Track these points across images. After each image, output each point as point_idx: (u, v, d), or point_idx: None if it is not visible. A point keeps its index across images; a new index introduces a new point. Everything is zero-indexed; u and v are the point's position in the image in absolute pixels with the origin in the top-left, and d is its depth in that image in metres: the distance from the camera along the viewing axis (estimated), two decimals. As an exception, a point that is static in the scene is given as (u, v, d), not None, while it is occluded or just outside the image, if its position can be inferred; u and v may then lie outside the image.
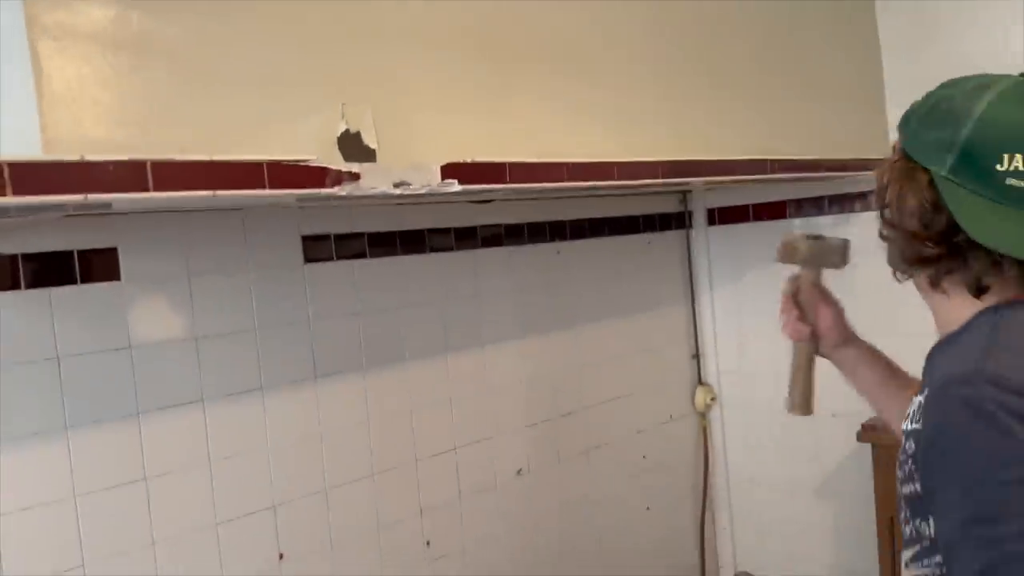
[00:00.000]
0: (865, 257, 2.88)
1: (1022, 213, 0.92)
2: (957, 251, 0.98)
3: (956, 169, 0.96)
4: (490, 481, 2.51)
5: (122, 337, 1.78)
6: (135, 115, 1.13)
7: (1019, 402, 0.86)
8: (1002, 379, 0.88)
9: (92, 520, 1.72)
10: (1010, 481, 0.84)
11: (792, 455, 3.10)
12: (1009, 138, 0.93)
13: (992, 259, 0.96)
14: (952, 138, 0.97)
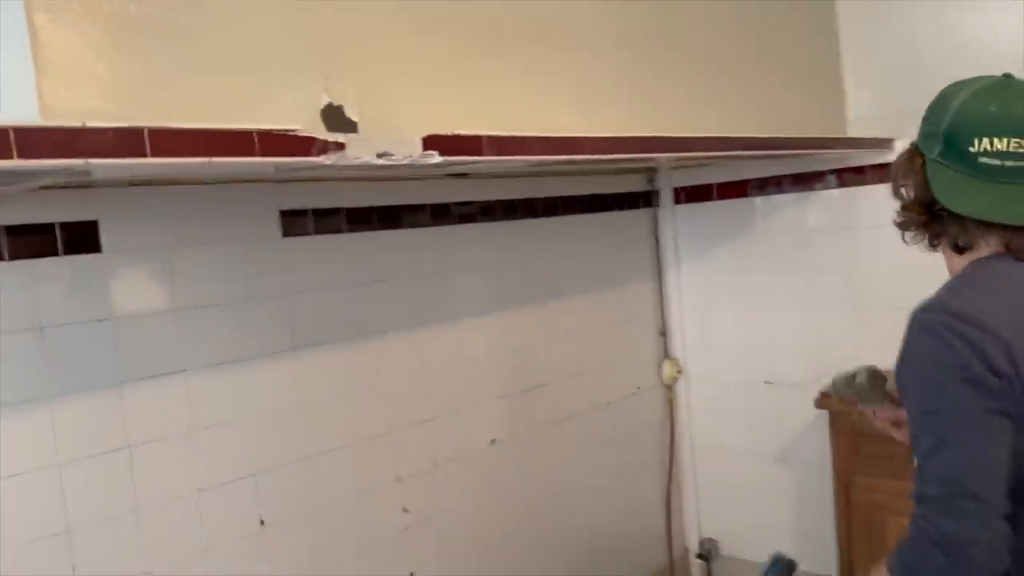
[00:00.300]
0: (821, 232, 3.02)
1: (993, 185, 1.16)
2: (938, 218, 1.22)
3: (944, 153, 1.20)
4: (465, 450, 2.58)
5: (104, 308, 1.82)
6: (127, 86, 1.17)
7: (963, 327, 1.10)
8: (953, 309, 1.13)
9: (77, 487, 1.76)
10: (948, 382, 1.10)
11: (754, 425, 3.23)
12: (977, 126, 1.17)
13: (962, 224, 1.20)
14: (937, 129, 1.22)
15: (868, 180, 2.89)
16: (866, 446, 2.53)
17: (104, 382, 1.81)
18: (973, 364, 1.08)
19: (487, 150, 1.42)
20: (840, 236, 2.97)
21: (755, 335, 3.19)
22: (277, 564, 2.09)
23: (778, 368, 3.13)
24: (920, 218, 1.25)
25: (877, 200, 2.88)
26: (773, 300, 3.13)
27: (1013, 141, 1.16)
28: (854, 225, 2.92)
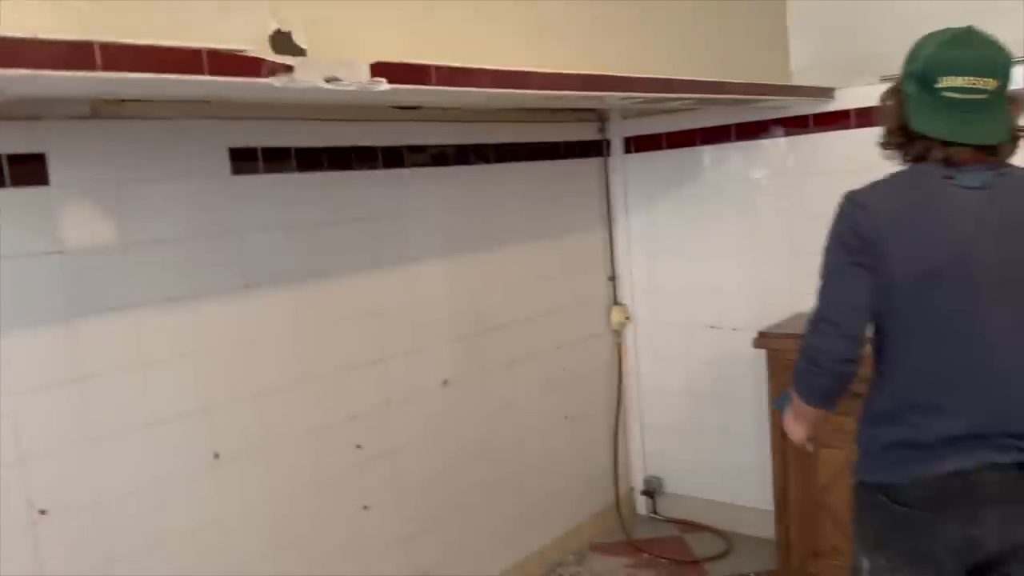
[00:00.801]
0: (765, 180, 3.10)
1: (949, 111, 1.44)
2: (911, 138, 1.50)
3: (917, 88, 1.47)
4: (417, 390, 2.64)
5: (53, 242, 1.82)
6: (77, 9, 1.17)
7: (849, 206, 1.50)
8: (851, 193, 1.52)
9: (30, 418, 1.78)
10: (832, 244, 1.51)
11: (697, 367, 3.35)
12: (942, 67, 1.44)
13: (926, 144, 1.48)
14: (912, 69, 1.49)
15: (811, 129, 2.99)
16: (801, 382, 2.65)
17: (54, 315, 1.82)
18: (844, 232, 1.49)
19: (435, 80, 1.45)
20: (783, 184, 3.07)
21: (701, 281, 3.30)
22: (231, 496, 2.14)
23: (722, 313, 3.25)
24: (898, 140, 1.53)
25: (819, 149, 2.99)
26: (719, 247, 3.23)
27: (969, 79, 1.42)
28: (797, 173, 3.02)
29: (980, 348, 1.43)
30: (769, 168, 3.10)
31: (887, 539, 1.52)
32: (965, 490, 1.43)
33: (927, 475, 1.44)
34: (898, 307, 1.47)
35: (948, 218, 1.44)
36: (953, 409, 1.44)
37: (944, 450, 1.44)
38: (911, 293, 1.45)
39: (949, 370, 1.45)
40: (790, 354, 2.66)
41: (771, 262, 3.10)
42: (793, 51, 3.01)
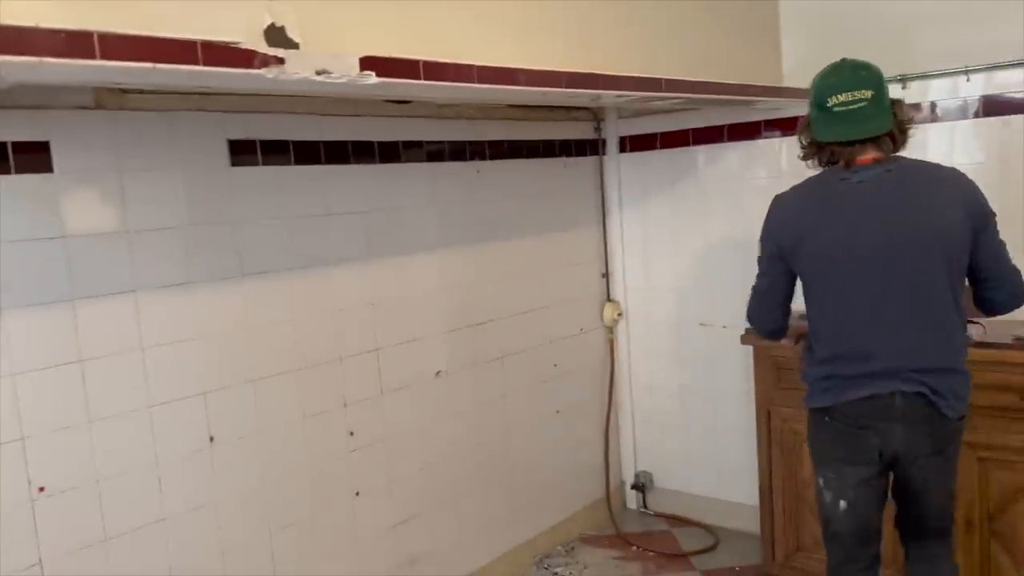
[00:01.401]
0: (755, 181, 3.13)
1: (839, 120, 1.89)
2: (820, 148, 1.95)
3: (817, 110, 1.94)
4: (411, 380, 2.70)
5: (56, 227, 1.88)
6: None
7: (773, 206, 2.04)
8: (778, 196, 2.05)
9: (30, 397, 1.84)
10: (760, 241, 2.04)
11: (687, 364, 3.40)
12: (827, 91, 1.91)
13: (830, 148, 1.92)
14: (811, 99, 1.96)
15: (802, 131, 3.03)
16: (786, 378, 2.70)
17: (56, 298, 1.88)
18: (766, 229, 2.03)
19: (423, 74, 1.50)
20: (775, 185, 3.07)
21: (692, 279, 3.35)
22: (226, 478, 2.20)
23: (712, 311, 3.30)
24: (811, 151, 1.98)
25: (808, 150, 3.03)
26: (710, 246, 3.28)
27: (848, 94, 1.87)
28: (789, 174, 3.06)
29: (880, 308, 1.86)
30: (761, 169, 3.15)
31: (828, 450, 1.99)
32: (881, 410, 1.88)
33: (853, 398, 1.90)
34: (812, 282, 1.95)
35: (841, 208, 1.88)
36: (869, 354, 1.88)
37: (865, 380, 1.89)
38: (819, 270, 1.92)
39: (860, 327, 1.89)
40: (776, 349, 2.73)
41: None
42: (785, 52, 3.05)
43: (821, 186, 1.93)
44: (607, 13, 2.21)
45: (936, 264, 1.83)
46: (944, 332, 1.87)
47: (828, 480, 1.99)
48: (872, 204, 1.84)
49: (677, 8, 2.49)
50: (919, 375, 1.85)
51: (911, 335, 1.86)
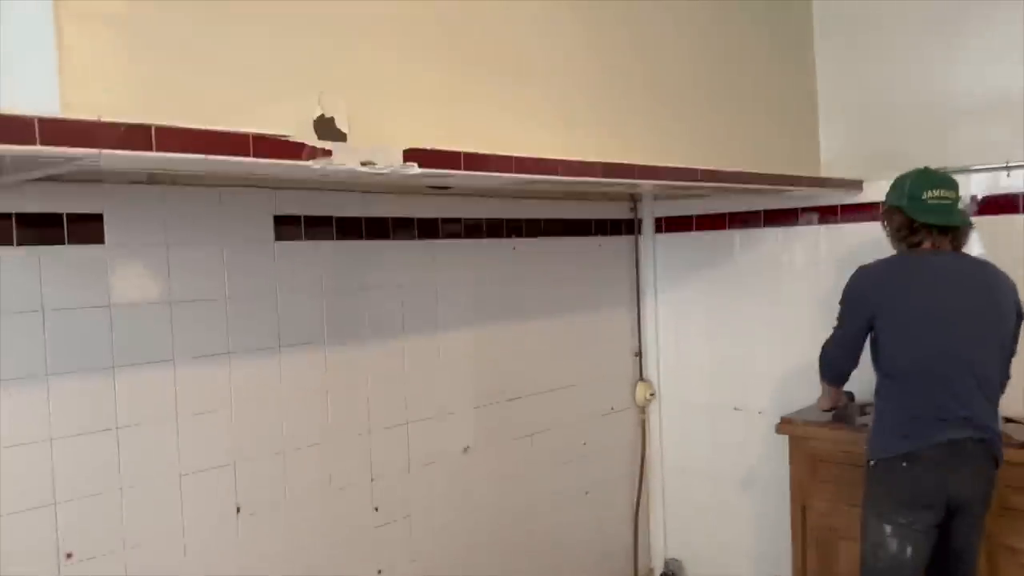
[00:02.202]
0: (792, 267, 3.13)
1: (934, 210, 2.25)
2: (914, 230, 2.27)
3: (910, 201, 2.27)
4: (438, 455, 2.69)
5: (102, 296, 1.94)
6: (138, 91, 1.30)
7: (859, 273, 2.33)
8: (864, 266, 2.33)
9: (66, 462, 1.87)
10: (842, 300, 2.36)
11: (721, 448, 3.33)
12: (922, 187, 2.26)
13: (924, 231, 2.26)
14: (905, 192, 2.29)
15: (840, 219, 3.03)
16: (823, 471, 2.64)
17: (98, 365, 1.93)
18: (851, 291, 2.33)
19: (464, 165, 1.55)
20: (811, 271, 3.10)
21: (727, 363, 3.31)
22: (250, 550, 2.19)
23: (746, 395, 3.25)
24: (905, 233, 2.29)
25: (847, 239, 3.02)
26: (745, 329, 3.26)
27: (939, 191, 2.26)
28: (825, 261, 3.06)
29: (956, 367, 2.15)
30: (798, 255, 3.14)
31: (904, 495, 2.15)
32: (956, 454, 2.12)
33: (933, 442, 2.11)
34: (896, 338, 2.21)
35: (928, 280, 2.22)
36: (947, 405, 2.13)
37: (943, 426, 2.12)
38: (906, 328, 2.20)
39: (940, 381, 2.15)
40: (813, 441, 2.68)
41: (797, 347, 3.11)
42: (824, 141, 3.08)
43: (909, 262, 2.28)
44: (643, 104, 2.26)
45: (995, 340, 2.21)
46: (995, 396, 2.22)
47: (897, 527, 2.15)
48: (953, 281, 2.21)
49: (715, 98, 2.54)
50: (984, 425, 2.14)
51: (978, 392, 2.16)
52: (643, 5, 2.34)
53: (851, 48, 3.02)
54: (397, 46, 1.70)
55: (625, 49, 2.28)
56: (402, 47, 1.71)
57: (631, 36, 2.30)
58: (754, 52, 2.80)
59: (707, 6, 2.59)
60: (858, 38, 2.99)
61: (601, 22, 2.21)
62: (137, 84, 1.31)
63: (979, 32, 2.75)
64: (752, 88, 2.78)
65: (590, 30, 2.17)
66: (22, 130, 1.02)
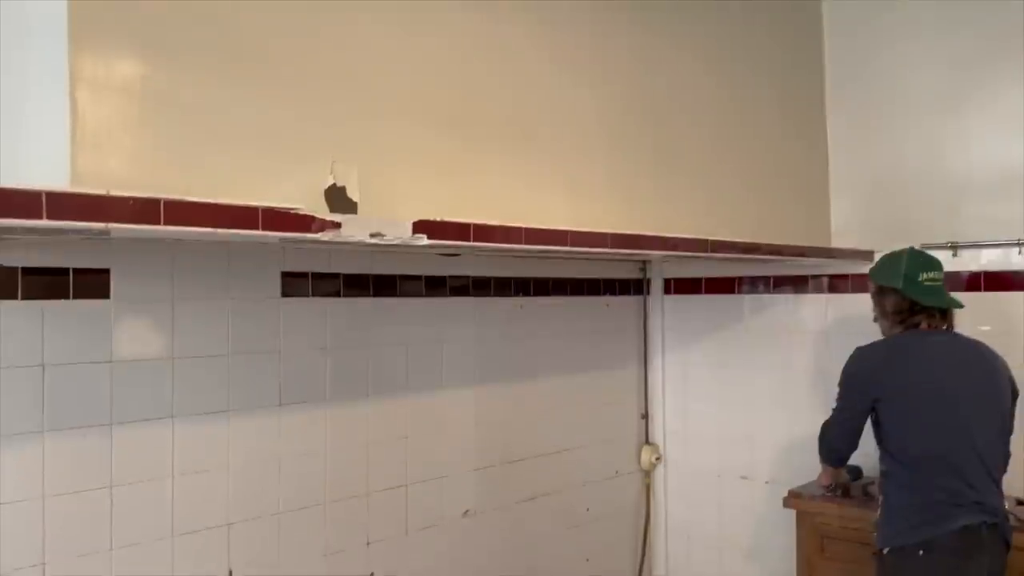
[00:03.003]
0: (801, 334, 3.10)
1: (930, 292, 2.26)
2: (913, 312, 2.26)
3: (906, 282, 2.26)
4: (437, 519, 2.63)
5: (105, 351, 1.92)
6: (150, 158, 1.30)
7: (858, 355, 2.30)
8: (860, 348, 2.31)
9: (57, 521, 1.83)
10: (841, 382, 2.31)
11: (727, 517, 3.26)
12: (918, 269, 2.27)
13: (922, 312, 2.26)
14: (902, 274, 2.28)
15: (850, 288, 3.01)
16: (830, 548, 2.57)
17: (96, 422, 1.90)
18: (851, 374, 2.29)
19: (473, 236, 1.54)
20: (819, 340, 3.07)
21: (734, 429, 3.26)
22: (241, 616, 2.13)
23: (754, 463, 3.19)
24: (902, 315, 2.27)
25: (857, 309, 2.99)
26: (753, 396, 3.21)
27: (931, 274, 2.27)
28: (833, 330, 3.02)
29: (963, 448, 2.11)
30: (808, 322, 3.11)
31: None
32: (974, 541, 2.07)
33: (949, 529, 2.06)
34: (902, 421, 2.16)
35: (928, 361, 2.21)
36: (959, 489, 2.08)
37: (958, 512, 2.07)
38: (911, 411, 2.16)
39: (948, 466, 2.10)
40: (821, 517, 2.61)
41: (806, 416, 3.04)
42: (834, 211, 3.07)
43: (910, 344, 2.25)
44: (654, 173, 2.27)
45: (996, 419, 2.18)
46: (999, 476, 2.18)
47: None
48: (953, 362, 2.20)
49: (726, 168, 2.55)
50: (995, 509, 2.11)
51: (986, 475, 2.12)
52: (654, 76, 2.36)
53: (862, 120, 3.03)
54: (409, 114, 1.71)
55: (636, 119, 2.29)
56: (414, 115, 1.72)
57: (642, 106, 2.31)
58: (765, 123, 2.81)
59: (719, 77, 2.61)
60: (870, 110, 3.01)
61: (612, 92, 2.22)
62: (149, 152, 1.31)
63: (989, 108, 2.76)
64: (763, 158, 2.78)
65: (600, 99, 2.18)
66: (29, 204, 1.01)
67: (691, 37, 2.49)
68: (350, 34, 1.60)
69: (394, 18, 1.67)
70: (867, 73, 3.01)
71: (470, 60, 1.83)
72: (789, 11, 3.00)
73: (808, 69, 3.05)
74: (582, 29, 2.12)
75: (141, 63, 1.29)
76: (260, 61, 1.46)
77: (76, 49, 1.22)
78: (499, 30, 1.90)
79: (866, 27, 3.02)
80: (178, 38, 1.35)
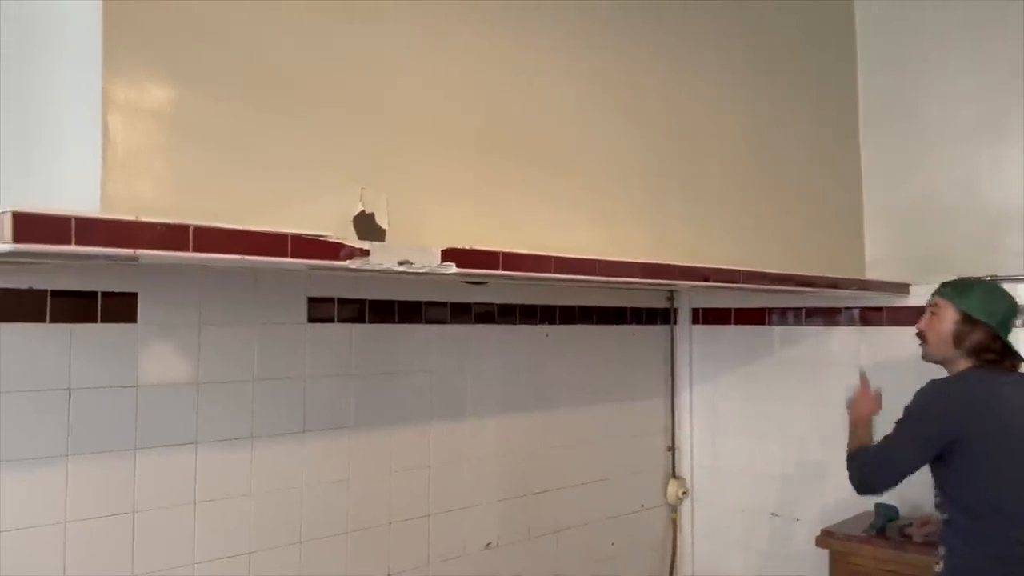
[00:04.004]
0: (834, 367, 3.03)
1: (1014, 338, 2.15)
2: (1002, 353, 2.11)
3: (1002, 326, 2.12)
4: (459, 551, 2.58)
5: (131, 375, 1.91)
6: (179, 183, 1.30)
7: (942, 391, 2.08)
8: (943, 382, 2.11)
9: (78, 547, 1.82)
10: (910, 413, 2.08)
11: (755, 555, 3.17)
12: (1014, 315, 2.14)
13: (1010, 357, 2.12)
14: (998, 312, 2.12)
15: (885, 321, 2.94)
16: (865, 590, 2.48)
17: (120, 446, 1.89)
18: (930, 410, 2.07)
19: (502, 265, 1.52)
20: (852, 374, 2.97)
21: (763, 464, 3.18)
22: (259, 647, 2.10)
23: (784, 500, 3.11)
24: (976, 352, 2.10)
25: (891, 343, 2.92)
26: (783, 430, 3.14)
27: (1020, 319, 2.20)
28: (867, 365, 2.94)
29: None
30: (840, 355, 3.04)
31: None
32: None
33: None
34: (983, 467, 1.98)
35: (1005, 402, 2.04)
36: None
37: None
38: (996, 456, 1.98)
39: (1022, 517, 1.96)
40: (855, 557, 2.53)
41: (838, 452, 2.93)
42: (868, 242, 3.01)
43: (988, 383, 2.08)
44: (684, 201, 2.23)
45: None
46: None
47: None
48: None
49: (757, 197, 2.51)
50: None
51: None
52: (685, 104, 2.34)
53: (897, 149, 2.98)
54: (437, 141, 1.70)
55: (666, 146, 2.26)
56: (442, 142, 1.71)
57: (672, 134, 2.29)
58: (798, 151, 2.77)
59: (751, 104, 2.58)
60: (905, 139, 2.96)
61: (642, 120, 2.20)
62: (178, 177, 1.30)
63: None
64: (795, 187, 2.74)
65: (630, 127, 2.16)
66: (58, 229, 1.01)
67: (722, 64, 2.47)
68: (378, 60, 1.60)
69: (422, 44, 1.67)
70: (902, 101, 2.97)
71: (498, 86, 1.82)
72: (822, 39, 2.97)
73: (841, 97, 3.02)
74: (612, 56, 2.10)
75: (172, 89, 1.29)
76: (288, 88, 1.46)
77: (109, 75, 1.22)
78: (527, 56, 1.89)
79: (900, 55, 2.98)
80: (208, 65, 1.35)
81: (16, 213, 0.99)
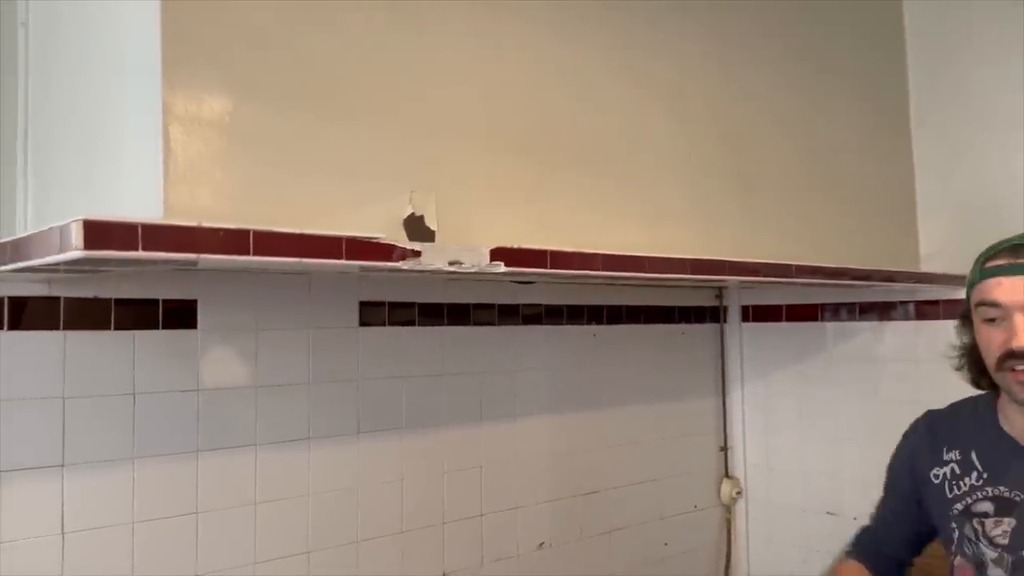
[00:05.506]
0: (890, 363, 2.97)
1: None
2: None
3: None
4: (512, 551, 2.60)
5: (192, 380, 1.98)
6: (237, 190, 1.34)
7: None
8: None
9: (145, 547, 1.88)
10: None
11: (812, 555, 3.11)
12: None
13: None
14: None
15: (941, 315, 2.87)
16: (928, 590, 2.41)
17: (183, 449, 1.95)
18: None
19: (550, 263, 1.53)
20: (909, 369, 2.93)
21: (819, 463, 3.13)
22: (319, 645, 2.14)
23: (840, 498, 3.05)
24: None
25: (949, 335, 2.84)
26: (838, 428, 3.08)
27: None
28: (923, 359, 2.88)
29: None
30: (894, 350, 2.97)
31: None
32: None
33: None
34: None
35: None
36: None
37: None
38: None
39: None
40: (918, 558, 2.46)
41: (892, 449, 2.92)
42: (922, 234, 2.95)
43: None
44: (733, 196, 2.22)
45: None
46: None
47: None
48: None
49: (807, 191, 2.47)
50: None
51: None
52: (734, 97, 2.32)
53: (950, 139, 2.91)
54: (484, 141, 1.72)
55: (715, 141, 2.25)
56: (488, 142, 1.73)
57: (720, 128, 2.28)
58: (848, 143, 2.73)
59: (800, 97, 2.55)
60: (957, 129, 2.88)
61: (690, 115, 2.19)
62: (236, 184, 1.34)
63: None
64: (846, 179, 2.70)
65: (678, 122, 2.16)
66: (126, 236, 1.05)
67: (771, 58, 2.45)
68: (428, 66, 1.63)
69: (469, 45, 1.70)
70: (954, 91, 2.90)
71: (545, 85, 1.83)
72: (871, 28, 2.92)
73: (891, 87, 2.96)
74: (660, 52, 2.10)
75: (229, 99, 1.33)
76: (341, 95, 1.50)
77: (168, 87, 1.27)
78: (575, 55, 1.90)
79: (951, 42, 2.91)
80: (263, 75, 1.40)
81: (87, 221, 1.03)
